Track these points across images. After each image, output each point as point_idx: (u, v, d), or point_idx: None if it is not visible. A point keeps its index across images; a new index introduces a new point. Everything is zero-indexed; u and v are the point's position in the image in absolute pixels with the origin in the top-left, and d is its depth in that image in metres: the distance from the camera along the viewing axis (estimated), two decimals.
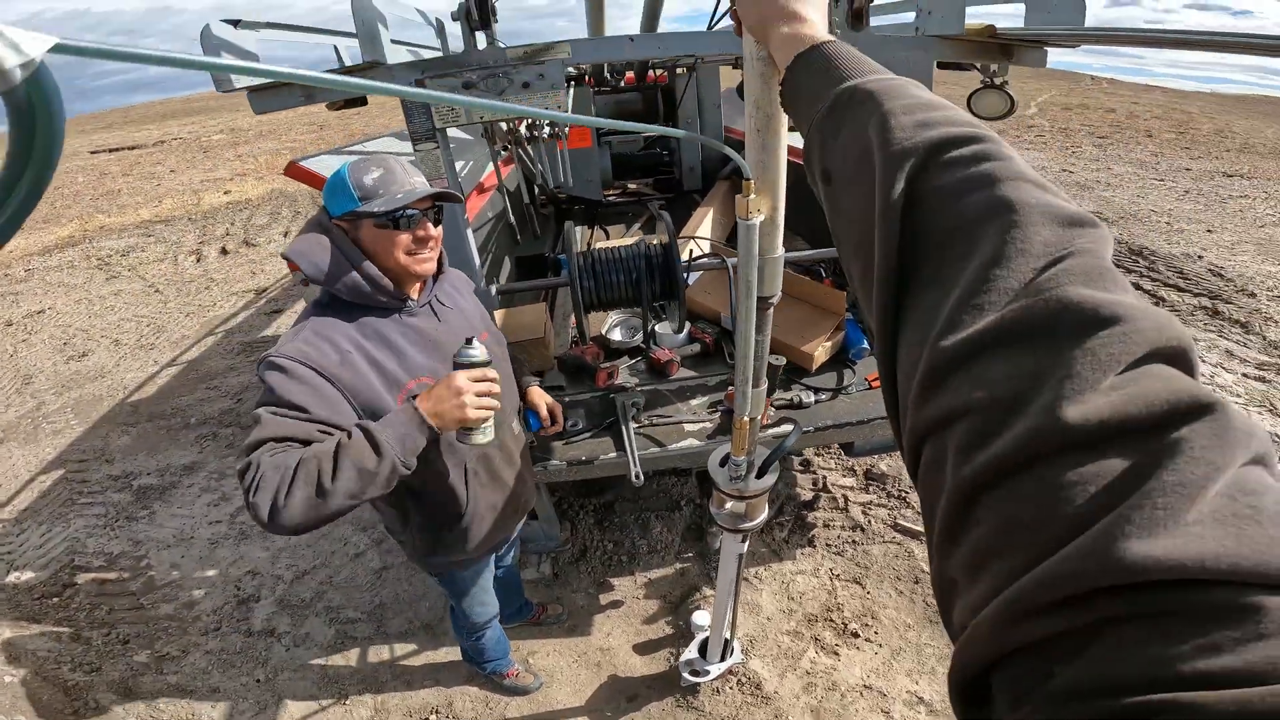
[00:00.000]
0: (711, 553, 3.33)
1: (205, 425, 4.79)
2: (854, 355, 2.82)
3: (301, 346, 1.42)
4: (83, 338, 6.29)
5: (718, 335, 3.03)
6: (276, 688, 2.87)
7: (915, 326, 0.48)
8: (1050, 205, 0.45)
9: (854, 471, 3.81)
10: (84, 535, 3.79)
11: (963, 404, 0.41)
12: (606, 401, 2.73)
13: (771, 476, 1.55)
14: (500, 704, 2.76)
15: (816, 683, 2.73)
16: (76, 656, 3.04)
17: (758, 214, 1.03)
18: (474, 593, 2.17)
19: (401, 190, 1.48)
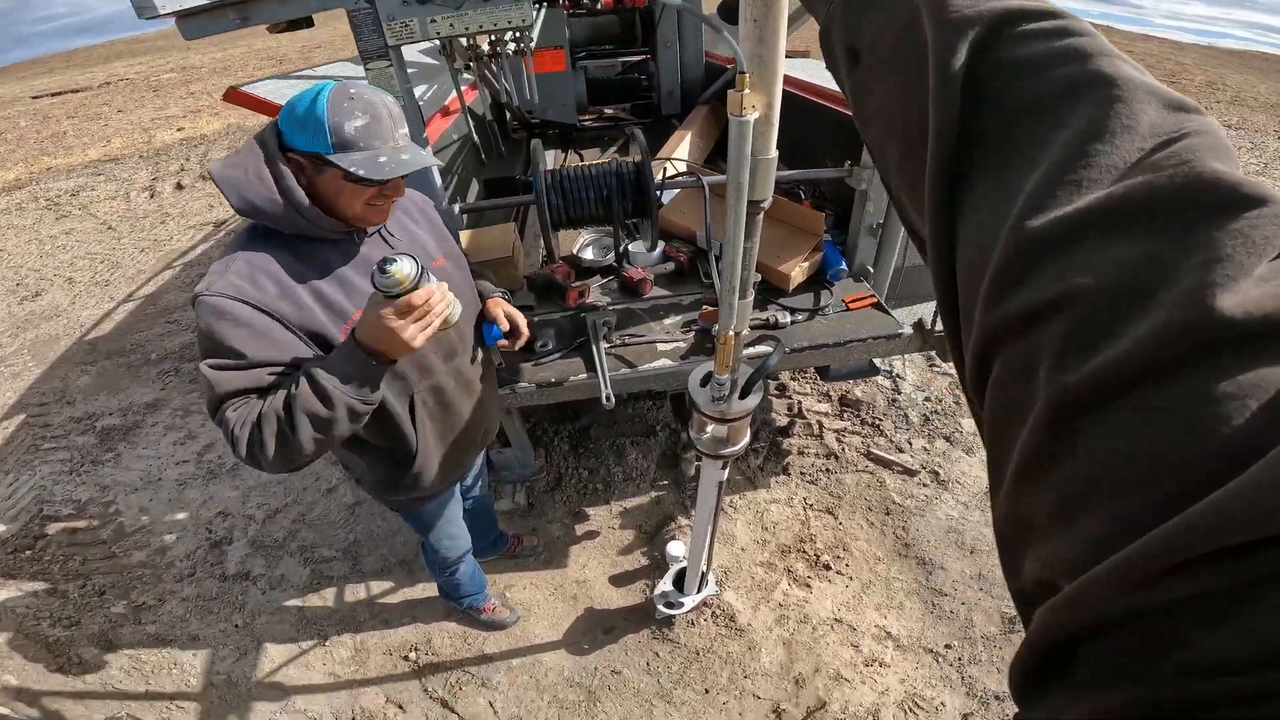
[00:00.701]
0: (686, 480, 3.34)
1: (166, 360, 4.68)
2: (832, 276, 2.75)
3: (234, 280, 1.28)
4: (35, 278, 6.07)
5: (693, 254, 2.95)
6: (255, 632, 2.89)
7: (983, 210, 0.42)
8: (1153, 85, 0.38)
9: (829, 397, 3.80)
10: (50, 483, 3.73)
11: (1061, 294, 0.34)
12: (577, 321, 2.66)
13: (755, 397, 1.48)
14: (478, 639, 2.80)
15: (789, 615, 2.78)
16: (55, 611, 3.03)
17: (752, 110, 0.95)
18: (441, 527, 2.13)
19: (385, 149, 1.30)
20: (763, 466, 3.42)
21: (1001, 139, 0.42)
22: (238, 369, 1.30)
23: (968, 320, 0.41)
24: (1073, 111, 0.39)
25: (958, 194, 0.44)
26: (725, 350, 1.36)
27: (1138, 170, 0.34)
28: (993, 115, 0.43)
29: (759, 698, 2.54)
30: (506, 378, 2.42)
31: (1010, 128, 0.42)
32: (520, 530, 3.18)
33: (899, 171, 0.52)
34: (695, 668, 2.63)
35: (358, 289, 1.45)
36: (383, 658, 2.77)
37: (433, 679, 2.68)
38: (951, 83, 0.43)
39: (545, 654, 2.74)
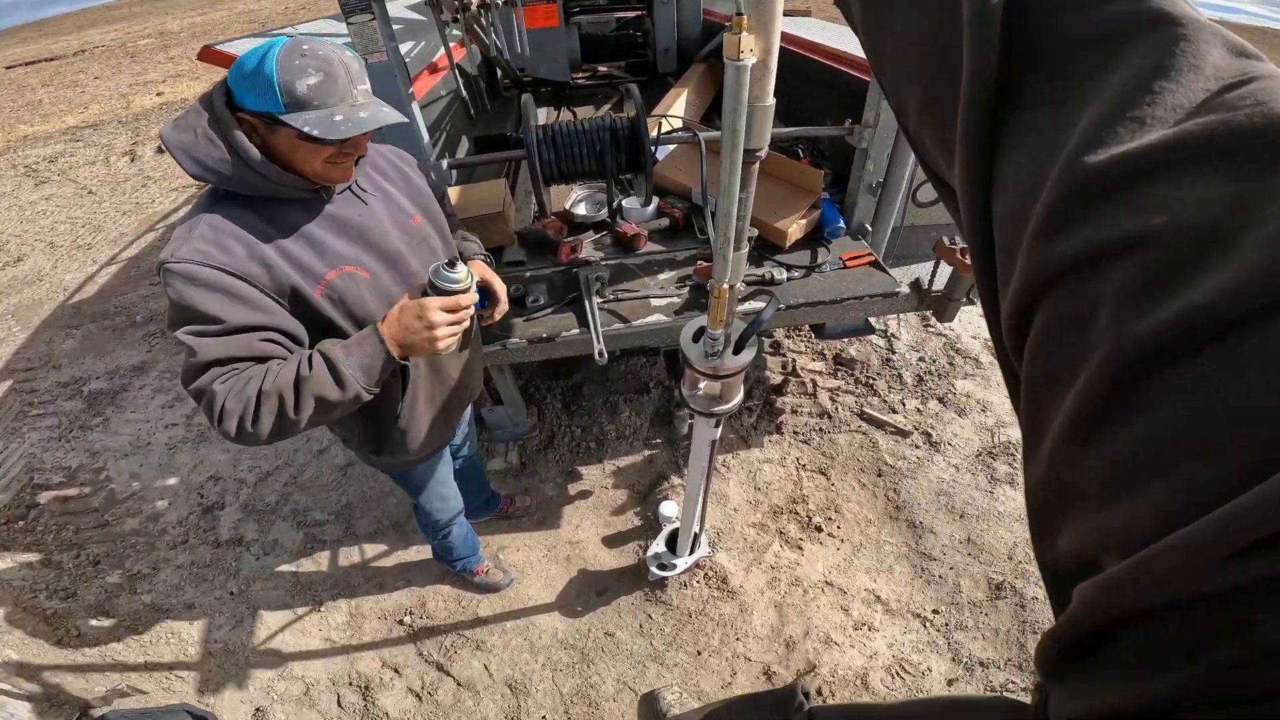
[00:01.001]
0: (680, 439, 3.33)
1: (152, 322, 4.62)
2: (829, 234, 2.70)
3: (199, 245, 1.23)
4: (16, 243, 5.96)
5: (688, 210, 2.90)
6: (251, 599, 2.90)
7: (1027, 150, 0.38)
8: (1216, 28, 0.35)
9: (823, 356, 3.77)
10: (40, 450, 3.71)
11: (1131, 234, 0.31)
12: (569, 276, 2.63)
13: (749, 352, 1.44)
14: (473, 602, 2.82)
15: (780, 578, 2.79)
16: (50, 583, 3.04)
17: (750, 54, 0.91)
18: (431, 488, 2.11)
19: (342, 107, 1.23)
20: (756, 425, 3.41)
21: (1049, 76, 0.39)
22: (219, 335, 1.26)
23: (1006, 267, 0.38)
24: (1133, 47, 0.36)
25: (997, 135, 0.41)
26: (719, 304, 1.32)
27: (1207, 109, 0.32)
28: (1038, 51, 0.40)
29: (750, 660, 2.56)
30: (498, 334, 2.39)
31: (1060, 64, 0.39)
32: (513, 490, 3.18)
33: (923, 113, 0.48)
34: (688, 629, 2.65)
35: (330, 248, 1.39)
36: (378, 622, 2.79)
37: (427, 642, 2.70)
38: (990, 16, 0.39)
39: (539, 616, 2.76)
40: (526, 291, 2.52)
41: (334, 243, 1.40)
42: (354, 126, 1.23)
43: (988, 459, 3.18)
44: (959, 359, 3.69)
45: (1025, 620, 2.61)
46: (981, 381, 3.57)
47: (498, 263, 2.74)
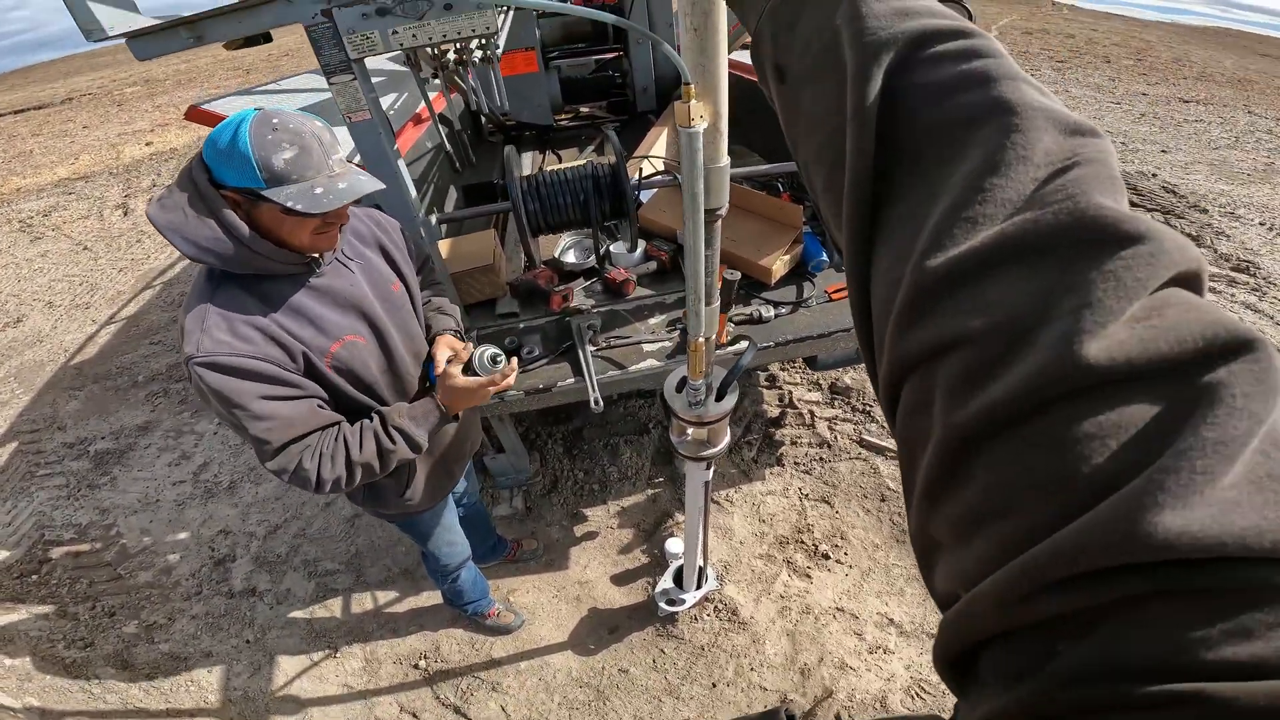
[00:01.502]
0: (681, 477, 3.40)
1: (154, 382, 4.68)
2: (813, 268, 2.80)
3: (219, 337, 1.29)
4: (14, 303, 6.02)
5: (674, 252, 2.97)
6: (267, 646, 2.94)
7: (894, 244, 0.42)
8: (1051, 109, 0.38)
9: (819, 386, 3.87)
10: (49, 509, 3.74)
11: (955, 334, 0.35)
12: (562, 326, 2.70)
13: (731, 399, 1.49)
14: (486, 644, 2.86)
15: (791, 606, 2.85)
16: (68, 633, 3.06)
17: (700, 120, 0.97)
18: (438, 534, 2.18)
19: (319, 178, 1.27)
20: (756, 458, 3.49)
21: (909, 169, 0.42)
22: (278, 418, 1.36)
23: (880, 351, 0.42)
24: (973, 141, 0.39)
25: (875, 225, 0.44)
26: (697, 356, 1.38)
27: (1030, 205, 0.35)
28: (904, 146, 0.43)
29: (766, 689, 2.61)
30: None
31: (917, 158, 0.42)
32: (519, 534, 3.23)
33: (825, 194, 0.51)
34: (701, 663, 2.70)
35: (328, 320, 1.46)
36: (393, 667, 2.83)
37: (444, 685, 2.75)
38: (867, 114, 0.42)
39: (552, 656, 2.81)
40: (521, 343, 2.59)
41: (330, 314, 1.47)
42: (334, 199, 1.27)
43: None
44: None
45: None
46: None
47: (491, 315, 2.80)
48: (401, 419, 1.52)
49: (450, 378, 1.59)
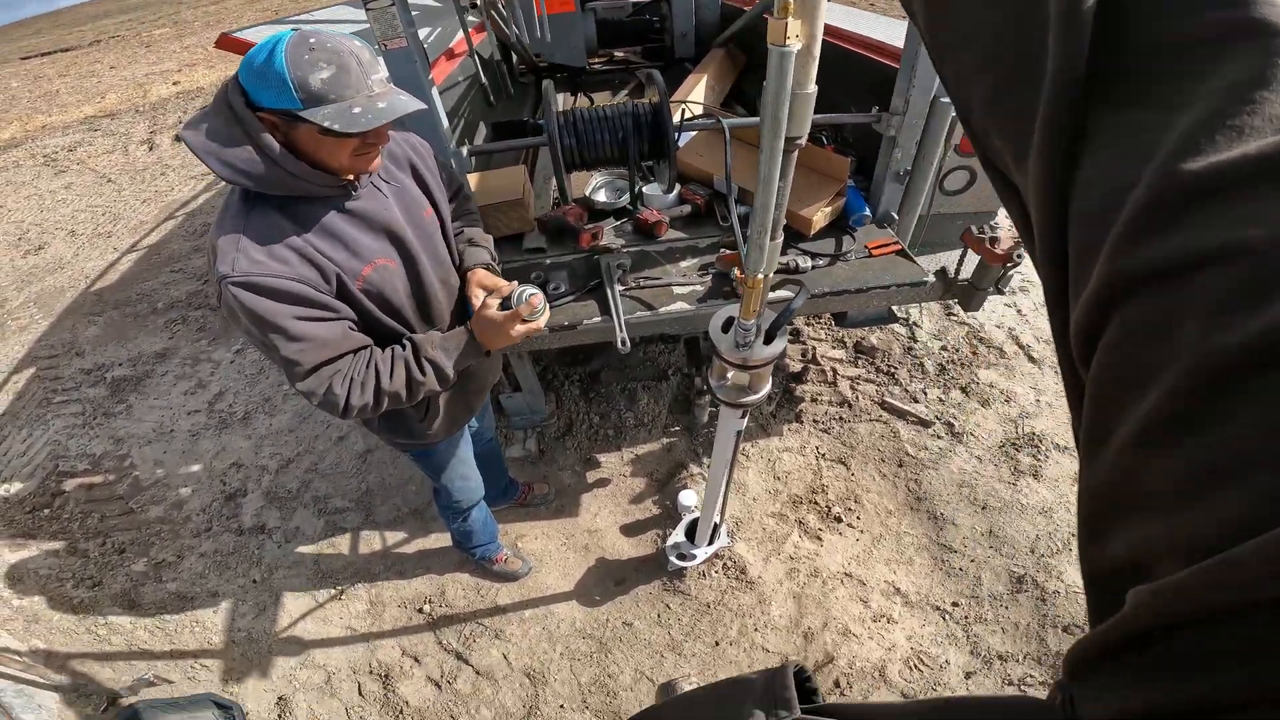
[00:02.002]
0: (699, 427, 3.30)
1: (174, 309, 4.64)
2: (854, 223, 2.64)
3: (255, 258, 1.25)
4: (36, 232, 5.99)
5: (710, 197, 2.84)
6: (273, 586, 2.92)
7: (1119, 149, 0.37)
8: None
9: (844, 344, 3.71)
10: (64, 437, 3.74)
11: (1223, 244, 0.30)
12: (590, 264, 2.59)
13: (780, 343, 1.42)
14: (491, 590, 2.82)
15: (799, 569, 2.77)
16: (77, 572, 3.07)
17: (795, 40, 0.89)
18: (453, 466, 2.11)
19: (359, 98, 1.22)
20: (775, 413, 3.37)
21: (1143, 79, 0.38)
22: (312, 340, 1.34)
23: (1082, 268, 0.37)
24: (1232, 56, 0.34)
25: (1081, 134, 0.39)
26: (753, 294, 1.29)
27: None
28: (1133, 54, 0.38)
29: (768, 651, 2.55)
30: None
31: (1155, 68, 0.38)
32: (531, 478, 3.16)
33: (991, 107, 0.46)
34: (706, 620, 2.64)
35: (361, 244, 1.41)
36: (398, 610, 2.80)
37: (447, 631, 2.71)
38: (1082, 16, 0.37)
39: (557, 605, 2.75)
40: (547, 279, 2.49)
41: (363, 238, 1.42)
42: (373, 118, 1.21)
43: (1011, 450, 3.13)
44: (982, 348, 3.62)
45: (1046, 614, 2.57)
46: (1005, 371, 3.49)
47: (517, 249, 2.70)
48: (435, 350, 1.50)
49: (487, 309, 1.54)
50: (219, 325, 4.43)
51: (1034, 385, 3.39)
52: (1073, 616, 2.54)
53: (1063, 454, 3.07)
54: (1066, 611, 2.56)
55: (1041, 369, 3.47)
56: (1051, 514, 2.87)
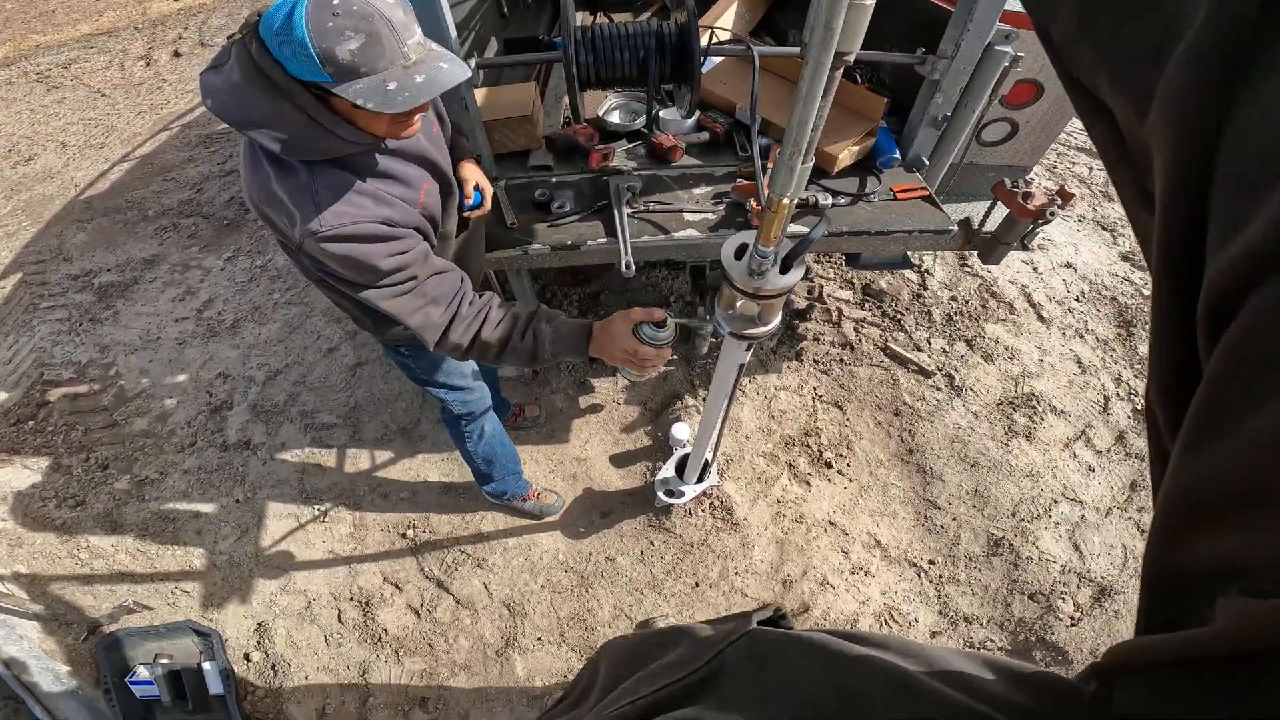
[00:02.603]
0: (698, 357, 3.19)
1: (164, 216, 4.46)
2: (881, 164, 2.47)
3: (339, 209, 1.22)
4: (26, 144, 5.70)
5: (730, 126, 2.65)
6: (256, 507, 2.85)
7: None
8: None
9: (852, 285, 3.56)
10: (50, 344, 3.62)
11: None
12: (599, 184, 2.44)
13: (796, 274, 1.29)
14: (475, 519, 2.76)
15: (785, 513, 2.70)
16: (60, 490, 2.99)
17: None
18: (449, 365, 2.03)
19: (393, 70, 1.09)
20: (775, 349, 3.26)
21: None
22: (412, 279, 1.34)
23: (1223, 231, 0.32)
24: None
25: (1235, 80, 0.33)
26: (776, 219, 1.16)
27: None
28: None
29: (747, 595, 2.51)
30: (519, 238, 2.25)
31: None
32: (523, 400, 3.08)
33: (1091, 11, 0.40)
34: (688, 560, 2.59)
35: (409, 176, 1.39)
36: (380, 534, 2.74)
37: (429, 558, 2.66)
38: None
39: (541, 535, 2.70)
40: (551, 197, 2.35)
41: (408, 169, 1.39)
42: (410, 97, 1.10)
43: (1008, 409, 3.03)
44: (993, 302, 3.47)
45: (1015, 580, 2.53)
46: (1013, 328, 3.35)
47: (522, 166, 2.56)
48: (546, 325, 1.42)
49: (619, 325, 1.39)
50: (210, 233, 4.25)
51: (1039, 345, 3.27)
52: (1040, 584, 2.51)
53: (1058, 418, 2.98)
54: (1035, 579, 2.52)
55: (1050, 329, 3.34)
56: (1038, 478, 2.80)
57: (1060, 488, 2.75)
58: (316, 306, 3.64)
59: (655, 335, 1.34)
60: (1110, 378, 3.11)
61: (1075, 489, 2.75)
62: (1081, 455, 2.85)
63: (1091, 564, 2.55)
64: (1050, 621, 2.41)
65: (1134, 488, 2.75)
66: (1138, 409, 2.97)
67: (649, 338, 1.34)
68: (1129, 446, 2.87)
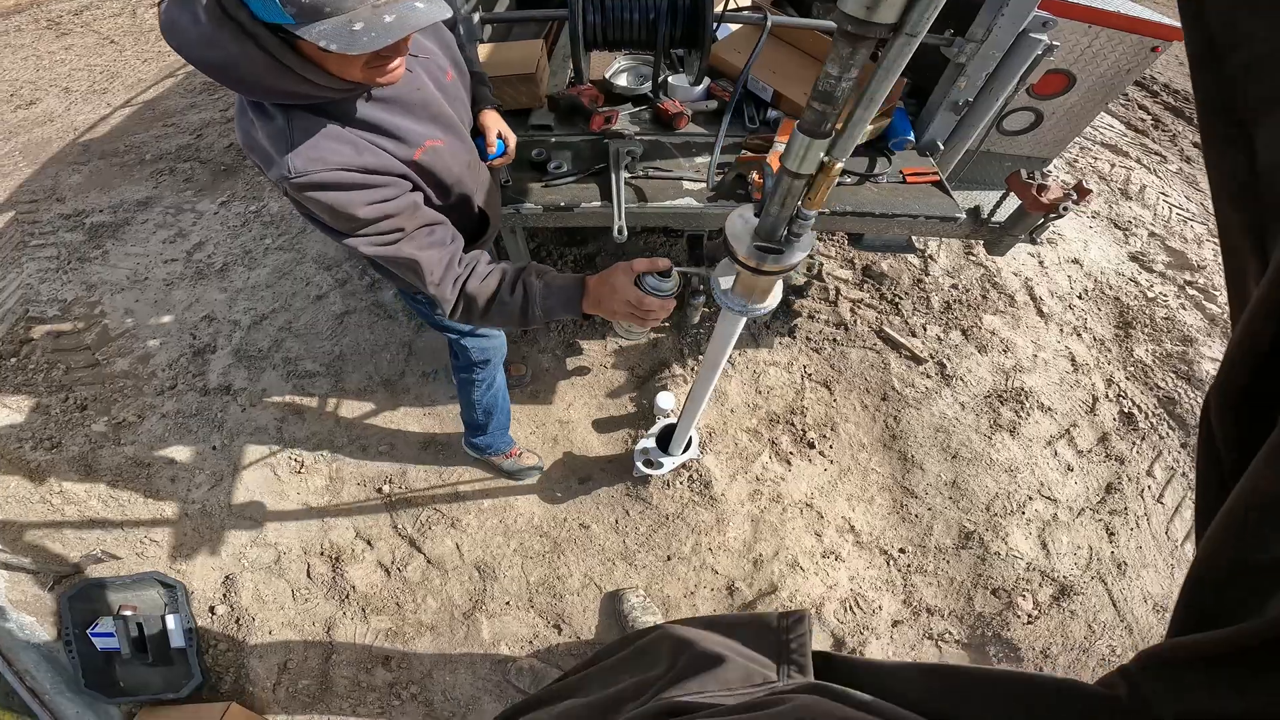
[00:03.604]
0: (689, 326, 3.08)
1: (162, 160, 4.30)
2: (894, 145, 2.33)
3: (312, 155, 1.09)
4: (30, 89, 5.47)
5: (742, 95, 2.51)
6: (232, 455, 2.74)
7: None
8: None
9: (853, 265, 3.43)
10: (36, 281, 3.48)
11: None
12: (599, 147, 2.32)
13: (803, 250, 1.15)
14: (453, 475, 2.66)
15: (763, 491, 2.61)
16: (37, 431, 2.86)
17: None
18: None
19: (361, 9, 0.95)
20: (769, 324, 3.14)
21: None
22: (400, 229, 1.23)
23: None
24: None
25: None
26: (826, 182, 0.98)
27: None
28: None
29: (717, 573, 2.42)
30: (512, 196, 2.14)
31: None
32: (510, 357, 2.91)
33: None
34: (662, 532, 2.49)
35: (406, 130, 1.25)
36: (356, 488, 2.64)
37: (403, 515, 2.56)
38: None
39: (517, 498, 2.60)
40: (549, 157, 2.25)
41: (404, 122, 1.26)
42: (377, 37, 0.96)
43: (995, 402, 2.92)
44: (993, 293, 3.34)
45: (980, 574, 2.45)
46: (1010, 320, 3.23)
47: (523, 125, 2.43)
48: (536, 280, 1.29)
49: (620, 277, 1.25)
50: (207, 177, 4.09)
51: (1035, 340, 3.15)
52: (1003, 580, 2.43)
53: (1044, 414, 2.88)
54: (1000, 574, 2.45)
55: (1048, 325, 3.22)
56: (1016, 473, 2.70)
57: (1037, 485, 2.66)
58: (308, 253, 3.50)
59: (659, 285, 1.23)
60: (1102, 378, 2.99)
61: (1051, 487, 2.66)
62: (1062, 454, 2.76)
63: (1056, 563, 2.48)
64: (1008, 618, 2.34)
65: (1109, 490, 2.66)
66: (1124, 411, 2.88)
67: (653, 288, 1.23)
68: (1110, 449, 2.78)
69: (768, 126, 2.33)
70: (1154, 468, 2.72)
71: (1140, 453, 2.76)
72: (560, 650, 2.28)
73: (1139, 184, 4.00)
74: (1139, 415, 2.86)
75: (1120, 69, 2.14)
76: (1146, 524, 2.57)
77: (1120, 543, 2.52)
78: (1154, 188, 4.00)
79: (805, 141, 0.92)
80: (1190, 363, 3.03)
